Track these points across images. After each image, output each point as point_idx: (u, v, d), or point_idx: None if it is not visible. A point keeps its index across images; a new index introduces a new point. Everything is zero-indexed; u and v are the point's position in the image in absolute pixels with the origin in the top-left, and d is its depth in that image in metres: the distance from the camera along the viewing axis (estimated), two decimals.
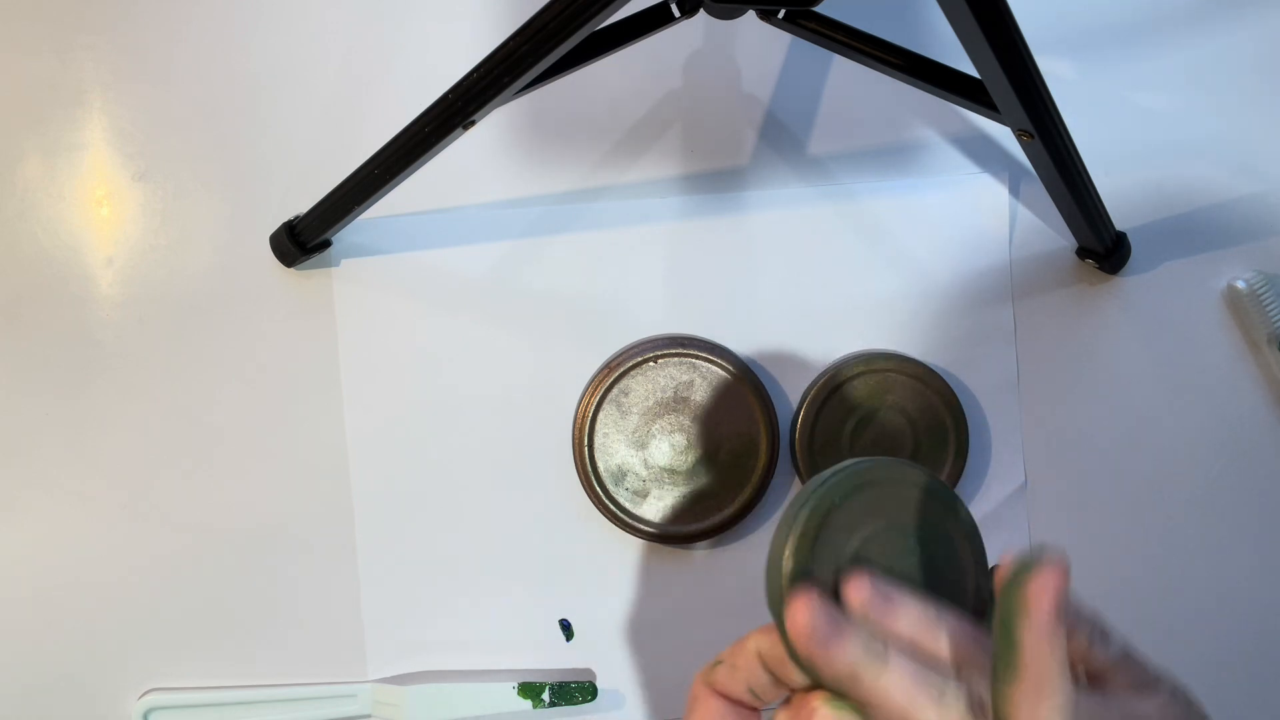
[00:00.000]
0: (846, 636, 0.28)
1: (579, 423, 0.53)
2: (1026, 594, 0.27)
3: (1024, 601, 0.27)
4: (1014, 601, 0.27)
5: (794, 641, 0.29)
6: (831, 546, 0.30)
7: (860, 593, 0.29)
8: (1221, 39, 0.56)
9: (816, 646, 0.28)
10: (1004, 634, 0.27)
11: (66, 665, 0.54)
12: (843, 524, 0.30)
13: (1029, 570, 0.27)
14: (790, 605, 0.29)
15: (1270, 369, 0.55)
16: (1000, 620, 0.27)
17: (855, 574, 0.30)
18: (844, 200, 0.55)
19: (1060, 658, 0.26)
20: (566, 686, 0.54)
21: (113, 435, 0.54)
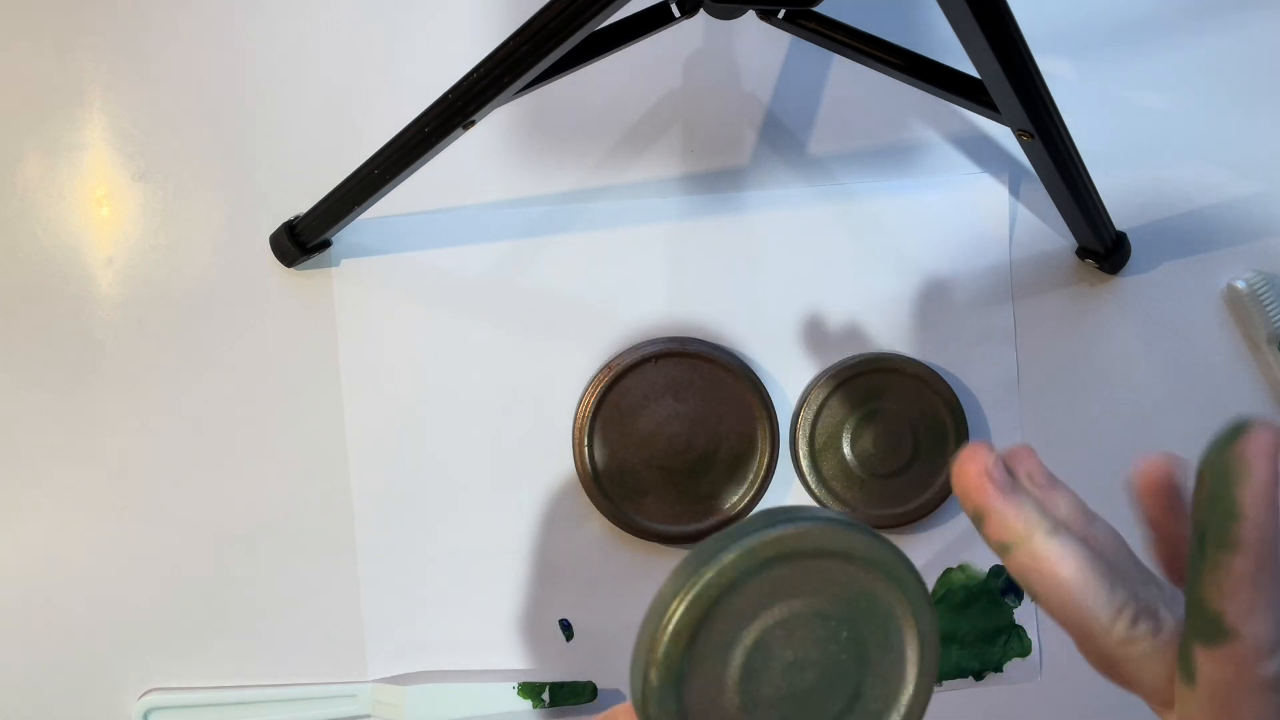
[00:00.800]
0: (1024, 492, 0.26)
1: (579, 423, 0.53)
2: (1245, 452, 0.22)
3: (1243, 461, 0.22)
4: (1229, 462, 0.22)
5: (968, 488, 0.25)
6: (716, 641, 0.23)
7: (1027, 463, 0.27)
8: (1221, 39, 0.56)
9: (996, 495, 0.25)
10: (1216, 502, 0.22)
11: (66, 665, 0.54)
12: (738, 609, 0.22)
13: (1244, 430, 0.22)
14: (964, 451, 0.25)
15: (1270, 369, 0.55)
16: (1210, 487, 0.23)
17: (1022, 447, 0.27)
18: (844, 200, 0.55)
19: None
20: (566, 686, 0.54)
21: (113, 435, 0.54)
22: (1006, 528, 0.25)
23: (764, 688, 0.23)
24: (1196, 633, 0.23)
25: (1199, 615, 0.23)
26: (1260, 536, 0.22)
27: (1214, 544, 0.22)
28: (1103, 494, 0.55)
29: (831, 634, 0.23)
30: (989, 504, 0.25)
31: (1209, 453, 0.23)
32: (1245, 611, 0.22)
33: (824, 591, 0.23)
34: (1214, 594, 0.23)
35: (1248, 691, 0.23)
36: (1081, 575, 0.24)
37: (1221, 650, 0.23)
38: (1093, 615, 0.25)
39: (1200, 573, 0.23)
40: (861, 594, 0.23)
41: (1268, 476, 0.22)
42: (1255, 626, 0.22)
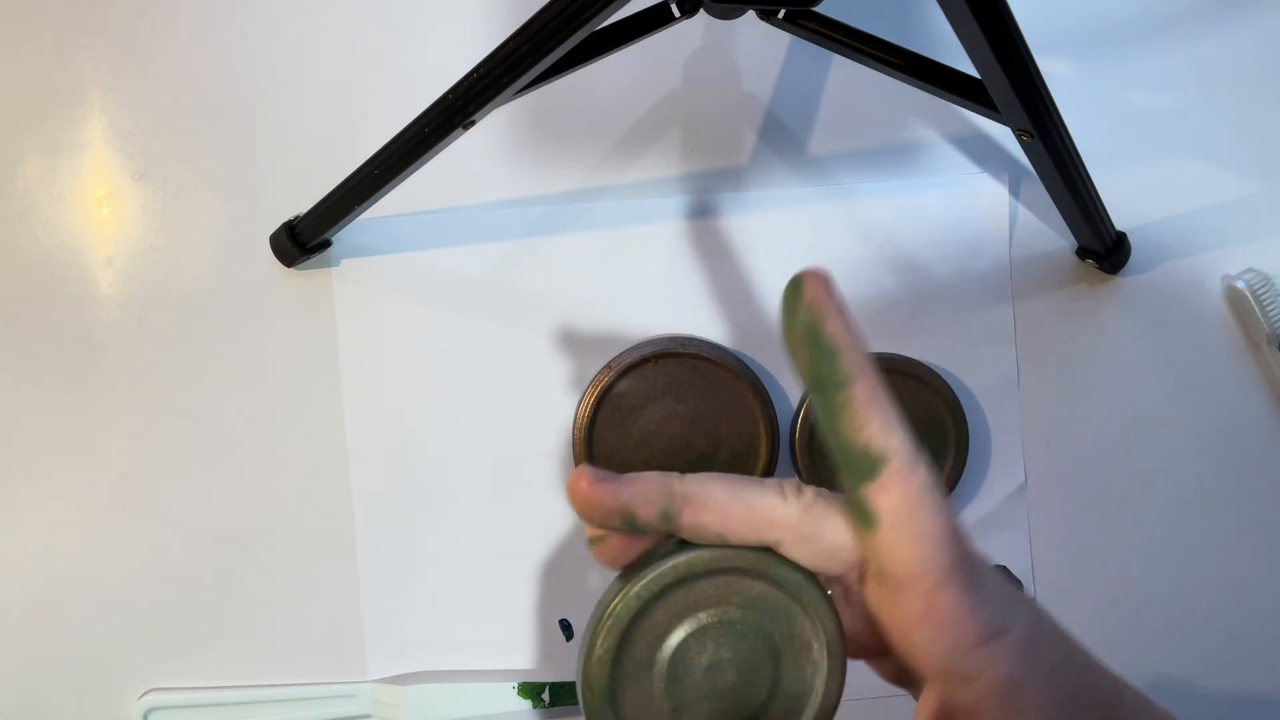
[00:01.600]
0: (625, 481, 0.26)
1: (579, 423, 0.53)
2: (812, 298, 0.24)
3: (813, 306, 0.24)
4: (805, 314, 0.24)
5: (580, 505, 0.26)
6: (638, 660, 0.26)
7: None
8: (1221, 39, 0.56)
9: (603, 503, 0.25)
10: (814, 350, 0.24)
11: (66, 665, 0.54)
12: (651, 630, 0.26)
13: (800, 283, 0.24)
14: (571, 480, 0.26)
15: (1270, 369, 0.55)
16: (804, 341, 0.24)
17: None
18: (844, 200, 0.55)
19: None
20: (566, 686, 0.54)
21: (113, 435, 0.54)
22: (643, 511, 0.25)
23: (689, 691, 0.26)
24: (856, 477, 0.24)
25: (849, 459, 0.24)
26: (861, 361, 0.24)
27: (831, 387, 0.24)
28: (1101, 493, 0.55)
29: (740, 635, 0.26)
30: (601, 507, 0.26)
31: (785, 319, 0.25)
32: (883, 431, 0.24)
33: (726, 601, 0.26)
34: (853, 429, 0.24)
35: (920, 502, 0.24)
36: (732, 494, 0.25)
37: (884, 476, 0.24)
38: (767, 506, 0.25)
39: (835, 421, 0.24)
40: (758, 597, 0.26)
41: (838, 309, 0.24)
42: (896, 440, 0.24)
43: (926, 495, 0.25)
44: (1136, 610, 0.55)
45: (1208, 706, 0.55)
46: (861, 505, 0.25)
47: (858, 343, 0.25)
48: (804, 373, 0.25)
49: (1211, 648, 0.55)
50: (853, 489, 0.25)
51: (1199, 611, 0.55)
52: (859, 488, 0.24)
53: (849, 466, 0.25)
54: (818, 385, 0.25)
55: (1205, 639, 0.55)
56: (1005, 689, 0.24)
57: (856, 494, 0.25)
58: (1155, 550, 0.55)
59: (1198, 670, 0.55)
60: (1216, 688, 0.55)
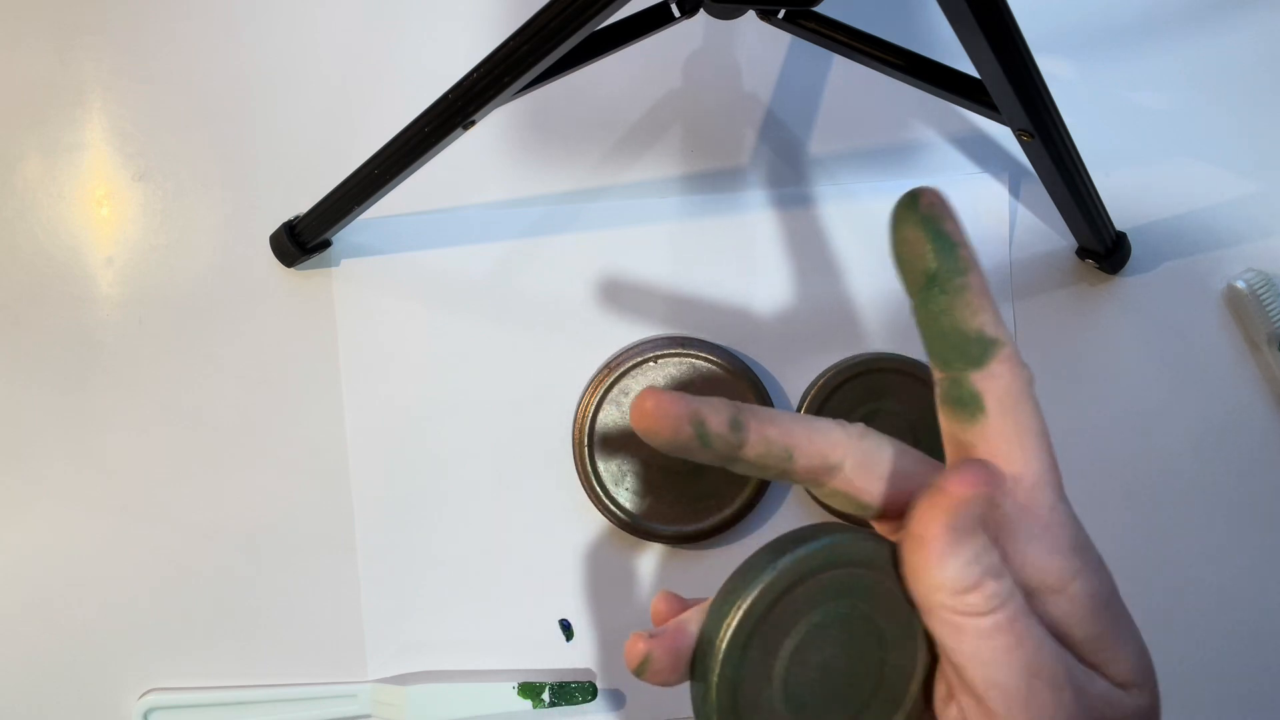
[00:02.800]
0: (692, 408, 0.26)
1: (579, 423, 0.53)
2: (931, 200, 0.25)
3: (933, 205, 0.24)
4: (925, 213, 0.24)
5: (649, 416, 0.25)
6: (753, 679, 0.25)
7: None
8: (1221, 39, 0.56)
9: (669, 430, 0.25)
10: (934, 242, 0.24)
11: (66, 665, 0.54)
12: (784, 615, 0.25)
13: (917, 192, 0.25)
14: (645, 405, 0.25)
15: (1270, 369, 0.55)
16: (924, 236, 0.25)
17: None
18: (844, 200, 0.55)
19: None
20: (566, 686, 0.54)
21: (113, 435, 0.54)
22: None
23: (809, 696, 0.26)
24: (964, 363, 0.25)
25: (959, 345, 0.25)
26: (974, 255, 0.25)
27: (949, 275, 0.24)
28: (1102, 493, 0.55)
29: (841, 626, 0.26)
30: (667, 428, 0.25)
31: (903, 220, 0.25)
32: (995, 320, 0.25)
33: (817, 602, 0.25)
34: (969, 314, 0.24)
35: (1026, 394, 0.25)
36: (789, 413, 0.26)
37: (994, 363, 0.24)
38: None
39: (950, 309, 0.24)
40: (845, 584, 0.25)
41: (954, 213, 0.25)
42: (1005, 332, 0.25)
43: (1030, 390, 0.25)
44: (1136, 610, 0.55)
45: (1207, 705, 0.55)
46: (968, 393, 0.25)
47: (969, 241, 0.25)
48: (919, 267, 0.25)
49: (1211, 647, 0.55)
50: (959, 379, 0.25)
51: (1198, 611, 0.55)
52: (968, 375, 0.25)
53: (959, 353, 0.25)
54: (932, 277, 0.25)
55: (1205, 638, 0.55)
56: (1095, 601, 0.24)
57: (964, 382, 0.25)
58: (1155, 549, 0.55)
59: (1197, 670, 0.55)
60: (1216, 687, 0.55)
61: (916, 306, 0.25)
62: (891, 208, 0.25)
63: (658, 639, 0.25)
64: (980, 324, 0.24)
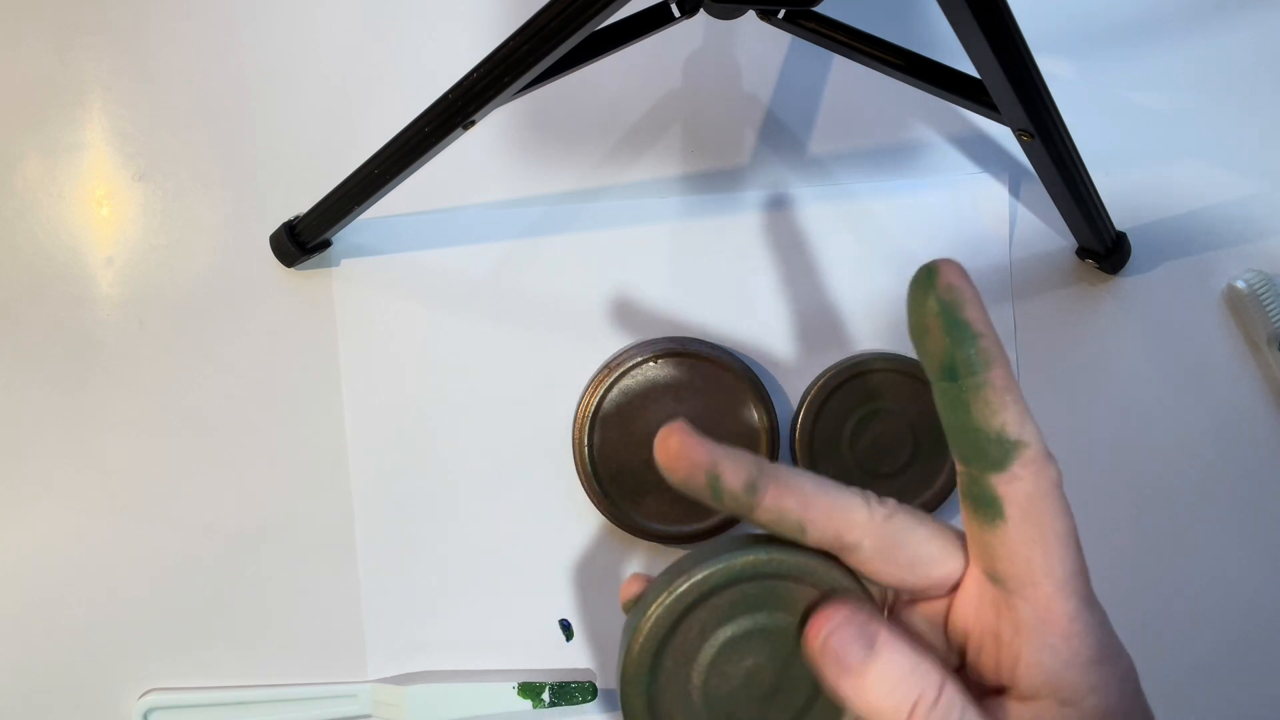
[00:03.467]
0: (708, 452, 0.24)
1: (579, 423, 0.53)
2: (952, 281, 0.23)
3: (953, 289, 0.23)
4: (945, 296, 0.23)
5: (671, 456, 0.24)
6: (685, 643, 0.25)
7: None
8: (1222, 39, 0.56)
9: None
10: (954, 331, 0.23)
11: (66, 665, 0.54)
12: (699, 623, 0.25)
13: (936, 268, 0.23)
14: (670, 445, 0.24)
15: (1270, 369, 0.55)
16: (943, 324, 0.23)
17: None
18: (844, 200, 0.55)
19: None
20: (566, 686, 0.54)
21: (113, 435, 0.54)
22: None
23: (726, 693, 0.25)
24: (984, 465, 0.23)
25: (979, 446, 0.23)
26: (999, 348, 0.23)
27: (968, 370, 0.23)
28: (1102, 494, 0.55)
29: (781, 641, 0.25)
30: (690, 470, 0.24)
31: (917, 303, 0.24)
32: (1019, 419, 0.23)
33: (769, 606, 0.25)
34: (989, 414, 0.23)
35: (1051, 497, 0.23)
36: (815, 479, 0.25)
37: (1016, 466, 0.23)
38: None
39: (969, 406, 0.23)
40: (801, 603, 0.25)
41: (976, 295, 0.23)
42: (1031, 430, 0.23)
43: (1057, 492, 0.24)
44: (1135, 609, 0.55)
45: (1206, 705, 0.55)
46: (987, 495, 0.23)
47: (993, 330, 0.24)
48: (936, 357, 0.24)
49: (1210, 647, 0.55)
50: (978, 479, 0.23)
51: (1198, 611, 0.55)
52: (987, 476, 0.23)
53: (977, 453, 0.23)
54: (952, 369, 0.23)
55: (1204, 638, 0.55)
56: (1109, 717, 0.23)
57: (983, 484, 0.23)
58: (1154, 549, 0.55)
59: (1196, 669, 0.55)
60: (1216, 686, 0.55)
61: (935, 395, 0.24)
62: (910, 282, 0.24)
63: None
64: (1001, 424, 0.23)
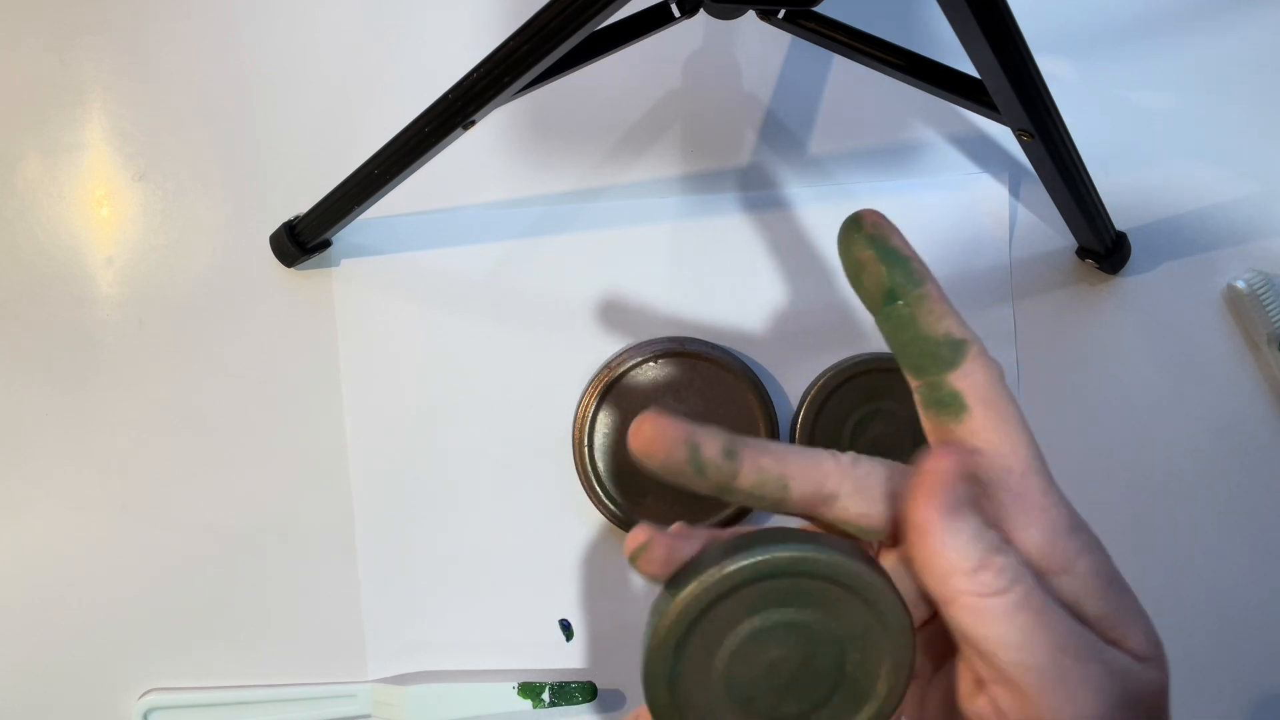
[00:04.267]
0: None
1: (579, 423, 0.53)
2: (874, 219, 0.27)
3: (877, 224, 0.27)
4: (873, 232, 0.26)
5: (645, 439, 0.25)
6: (703, 642, 0.26)
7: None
8: (1221, 39, 0.56)
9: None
10: (888, 259, 0.26)
11: (66, 665, 0.54)
12: (722, 616, 0.25)
13: (859, 213, 0.27)
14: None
15: (1270, 369, 0.55)
16: (875, 254, 0.26)
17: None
18: (844, 200, 0.55)
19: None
20: (566, 686, 0.54)
21: (113, 435, 0.54)
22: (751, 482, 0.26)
23: (749, 684, 0.26)
24: (939, 368, 0.25)
25: (930, 352, 0.25)
26: (924, 265, 0.26)
27: (908, 287, 0.26)
28: (1102, 493, 0.55)
29: (804, 634, 0.26)
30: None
31: (849, 243, 0.27)
32: (960, 322, 0.26)
33: (790, 601, 0.26)
34: (934, 321, 0.25)
35: (1001, 385, 0.25)
36: (785, 444, 0.26)
37: (968, 361, 0.25)
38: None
39: (914, 320, 0.26)
40: (822, 597, 0.26)
41: (896, 228, 0.27)
42: (971, 331, 0.26)
43: (1003, 382, 0.25)
44: None
45: (1206, 703, 0.55)
46: (948, 394, 0.25)
47: (918, 254, 0.26)
48: (877, 286, 0.26)
49: (1210, 646, 0.55)
50: (936, 383, 0.25)
51: (1198, 610, 0.55)
52: (944, 377, 0.25)
53: (932, 359, 0.25)
54: (892, 292, 0.26)
55: (1204, 637, 0.55)
56: (1102, 576, 0.25)
57: (942, 385, 0.25)
58: (1154, 549, 0.55)
59: (1196, 668, 0.55)
60: (1215, 685, 0.55)
61: (880, 321, 0.26)
62: (839, 233, 0.27)
63: (662, 534, 0.26)
64: (947, 328, 0.25)
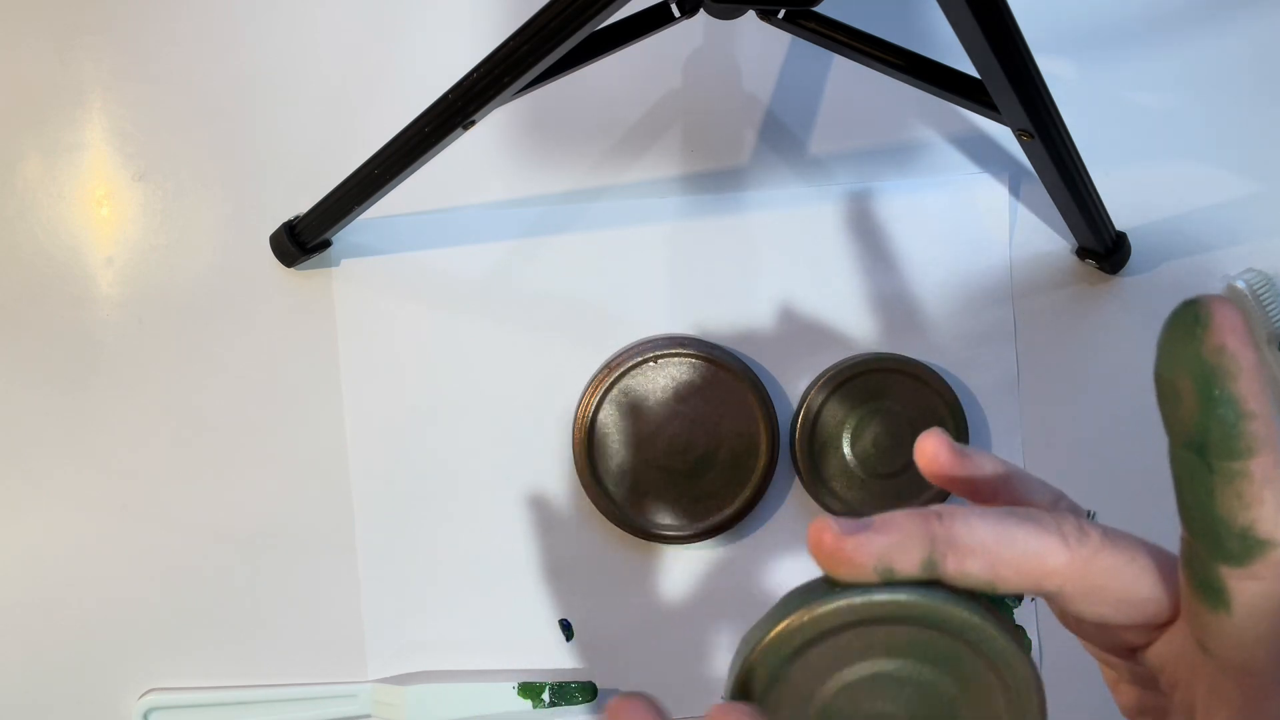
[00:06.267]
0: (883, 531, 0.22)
1: (579, 423, 0.53)
2: (1224, 342, 0.19)
3: (1224, 352, 0.19)
4: (1211, 358, 0.19)
5: (828, 562, 0.22)
6: (802, 677, 0.23)
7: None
8: (1221, 39, 0.56)
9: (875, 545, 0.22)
10: (1213, 406, 0.19)
11: (66, 665, 0.54)
12: (826, 655, 0.23)
13: (1207, 315, 0.19)
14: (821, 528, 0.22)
15: (1270, 369, 0.55)
16: (1198, 392, 0.19)
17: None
18: (844, 200, 0.55)
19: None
20: (566, 686, 0.54)
21: (113, 435, 0.54)
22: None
23: (844, 716, 0.23)
24: (1217, 554, 0.20)
25: (1215, 535, 0.20)
26: (1271, 430, 0.19)
27: (1223, 454, 0.19)
28: (1102, 493, 0.55)
29: (917, 693, 0.23)
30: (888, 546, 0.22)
31: (1171, 352, 0.20)
32: (1274, 517, 0.20)
33: (911, 654, 0.23)
34: (1237, 508, 0.20)
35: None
36: (997, 524, 0.22)
37: (1259, 564, 0.20)
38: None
39: (1214, 492, 0.20)
40: (950, 657, 0.23)
41: (1254, 362, 0.19)
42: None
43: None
44: None
45: None
46: (1213, 583, 0.21)
47: (1268, 407, 0.20)
48: (1184, 424, 0.20)
49: None
50: (1207, 563, 0.21)
51: None
52: (1217, 565, 0.21)
53: (1212, 540, 0.21)
54: (1202, 447, 0.20)
55: None
56: None
57: (1211, 570, 0.21)
58: None
59: None
60: None
61: (1171, 457, 0.21)
62: (1169, 320, 0.20)
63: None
64: (1251, 520, 0.20)
